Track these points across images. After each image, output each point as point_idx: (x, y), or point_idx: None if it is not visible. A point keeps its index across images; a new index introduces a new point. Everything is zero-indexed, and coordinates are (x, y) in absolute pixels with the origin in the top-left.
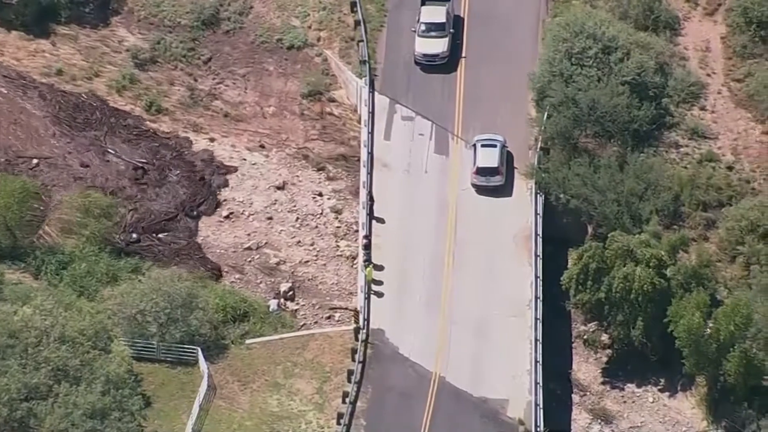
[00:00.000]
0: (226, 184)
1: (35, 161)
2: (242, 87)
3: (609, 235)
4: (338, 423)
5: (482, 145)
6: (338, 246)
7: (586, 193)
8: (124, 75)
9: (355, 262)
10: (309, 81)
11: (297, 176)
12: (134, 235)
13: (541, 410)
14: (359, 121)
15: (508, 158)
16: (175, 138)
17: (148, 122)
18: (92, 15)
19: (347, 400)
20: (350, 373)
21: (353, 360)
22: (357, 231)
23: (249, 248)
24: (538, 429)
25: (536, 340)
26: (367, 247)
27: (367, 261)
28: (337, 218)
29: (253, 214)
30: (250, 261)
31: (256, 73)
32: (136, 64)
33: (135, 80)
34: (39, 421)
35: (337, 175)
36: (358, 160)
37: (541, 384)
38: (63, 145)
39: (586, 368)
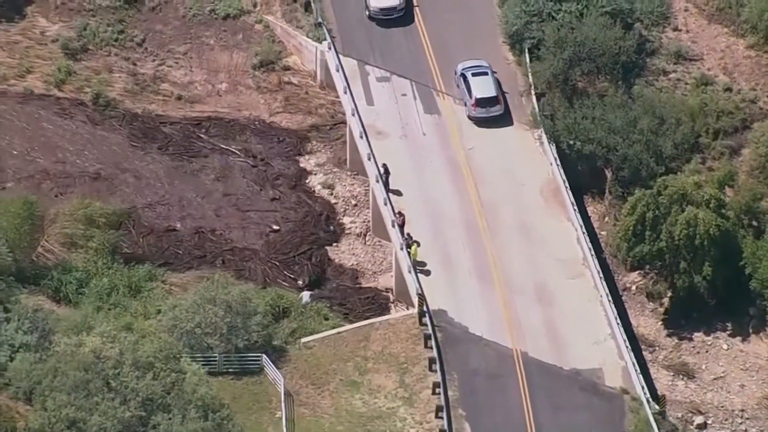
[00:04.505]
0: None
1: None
2: (186, 66)
3: (659, 180)
4: (437, 416)
5: (473, 74)
6: (343, 224)
7: (600, 136)
8: (59, 68)
9: (366, 239)
10: (257, 51)
11: None
12: (300, 282)
13: (640, 375)
14: (321, 88)
15: (498, 84)
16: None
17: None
18: (5, 7)
19: (438, 390)
20: (432, 361)
21: (426, 347)
22: (356, 206)
23: None
24: (647, 396)
25: (609, 300)
26: (403, 224)
27: (409, 239)
28: (331, 194)
29: None
30: None
31: (197, 49)
32: (68, 55)
33: (71, 72)
34: None
35: (315, 148)
36: (331, 129)
37: (630, 347)
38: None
39: (645, 322)
